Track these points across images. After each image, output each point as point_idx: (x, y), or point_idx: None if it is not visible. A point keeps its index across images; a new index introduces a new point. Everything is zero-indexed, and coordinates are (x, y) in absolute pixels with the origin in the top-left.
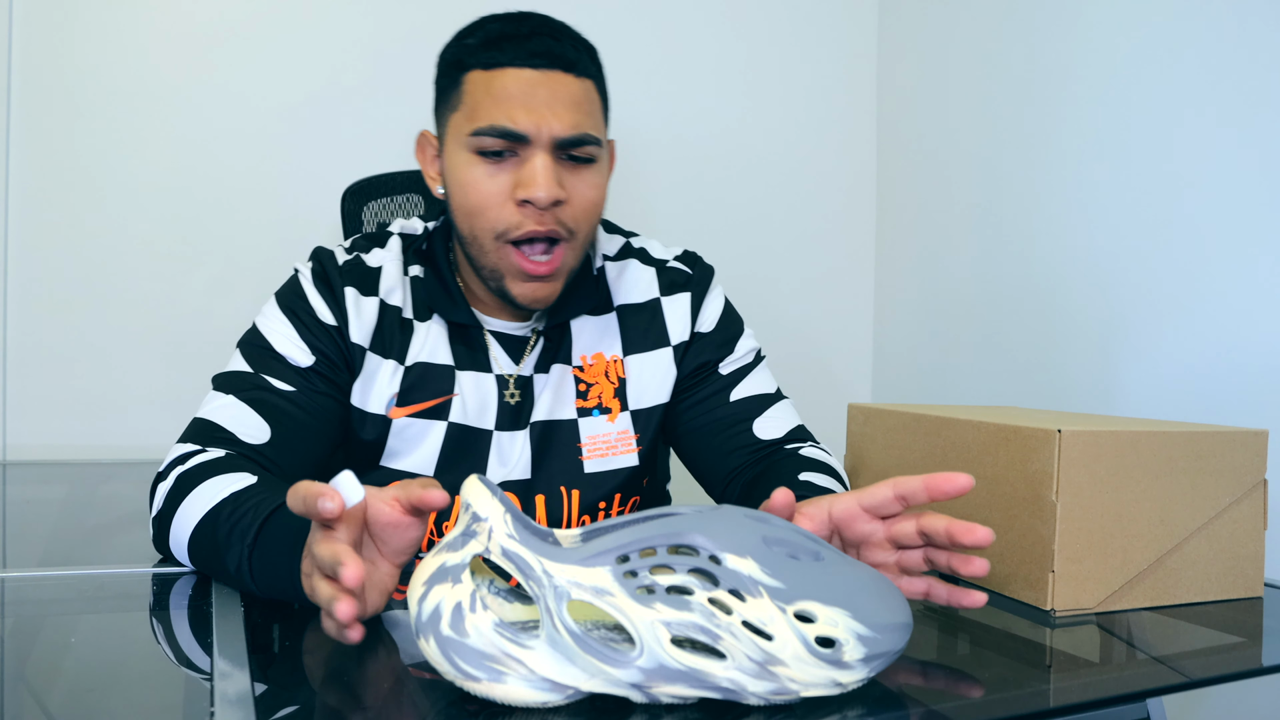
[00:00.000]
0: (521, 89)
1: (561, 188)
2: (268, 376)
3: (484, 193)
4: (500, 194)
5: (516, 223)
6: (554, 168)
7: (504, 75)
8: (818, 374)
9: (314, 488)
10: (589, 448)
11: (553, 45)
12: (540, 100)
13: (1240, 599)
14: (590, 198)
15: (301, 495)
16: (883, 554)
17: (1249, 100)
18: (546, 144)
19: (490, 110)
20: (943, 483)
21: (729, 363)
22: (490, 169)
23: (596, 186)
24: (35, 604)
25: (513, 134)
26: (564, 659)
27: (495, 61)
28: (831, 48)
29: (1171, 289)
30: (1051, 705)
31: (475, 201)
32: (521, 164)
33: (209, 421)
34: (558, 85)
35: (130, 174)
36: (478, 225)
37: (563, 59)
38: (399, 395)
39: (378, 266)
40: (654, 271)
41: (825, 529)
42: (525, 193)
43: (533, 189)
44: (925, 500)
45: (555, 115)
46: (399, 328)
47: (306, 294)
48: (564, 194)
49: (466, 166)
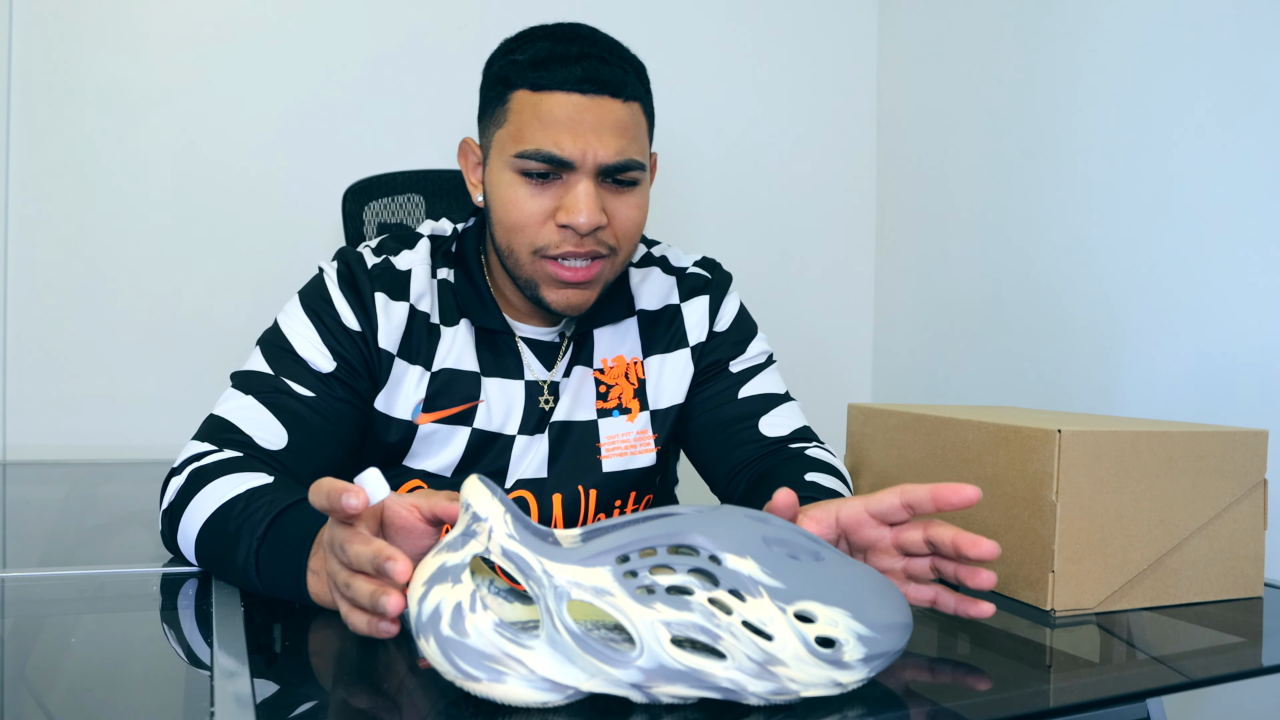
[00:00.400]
0: (568, 114)
1: (603, 213)
2: (288, 380)
3: (526, 212)
4: (541, 214)
5: (555, 243)
6: (597, 193)
7: (551, 99)
8: (818, 374)
9: (337, 484)
10: (608, 447)
11: (601, 69)
12: (586, 126)
13: (1240, 599)
14: (632, 218)
15: (325, 491)
16: (890, 560)
17: (1249, 100)
18: (591, 170)
19: (536, 134)
20: (949, 494)
21: (740, 361)
22: (533, 189)
23: (639, 208)
24: (35, 604)
25: (558, 160)
26: (564, 659)
27: (543, 84)
28: (831, 48)
29: (1171, 289)
30: (1051, 705)
31: (516, 219)
32: (565, 188)
33: (226, 421)
34: (604, 111)
35: (130, 174)
36: (516, 241)
37: (611, 84)
38: (425, 401)
39: (407, 270)
40: (674, 280)
41: (832, 533)
42: (567, 218)
43: (575, 215)
44: (932, 510)
45: (601, 142)
46: (426, 333)
47: (332, 298)
48: (605, 219)
49: (510, 185)
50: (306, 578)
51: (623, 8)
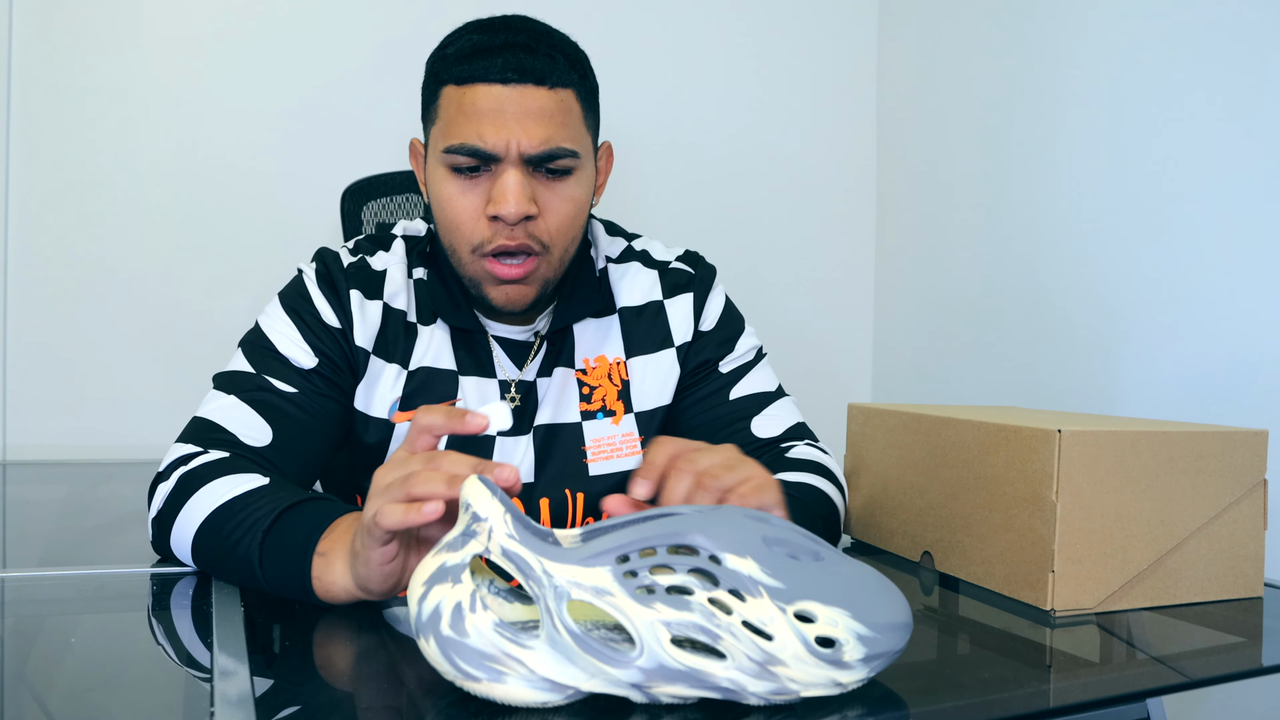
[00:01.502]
0: (490, 106)
1: (533, 203)
2: (270, 377)
3: (458, 208)
4: (473, 210)
5: (489, 238)
6: (525, 183)
7: (474, 91)
8: (818, 374)
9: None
10: (593, 450)
11: (524, 59)
12: (509, 116)
13: (1240, 599)
14: (564, 211)
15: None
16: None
17: (1249, 100)
18: (516, 160)
19: (461, 128)
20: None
21: (729, 361)
22: (463, 185)
23: (572, 200)
24: (35, 604)
25: (482, 153)
26: (564, 659)
27: (467, 77)
28: (831, 48)
29: (1171, 289)
30: (1051, 705)
31: (450, 217)
32: (493, 180)
33: (210, 422)
34: (528, 100)
35: (130, 174)
36: (454, 239)
37: (534, 72)
38: (402, 400)
39: (382, 269)
40: (656, 274)
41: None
42: (495, 209)
43: (501, 205)
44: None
45: (525, 131)
46: (403, 331)
47: (311, 295)
48: (535, 209)
49: (442, 182)
50: (313, 561)
51: (623, 8)
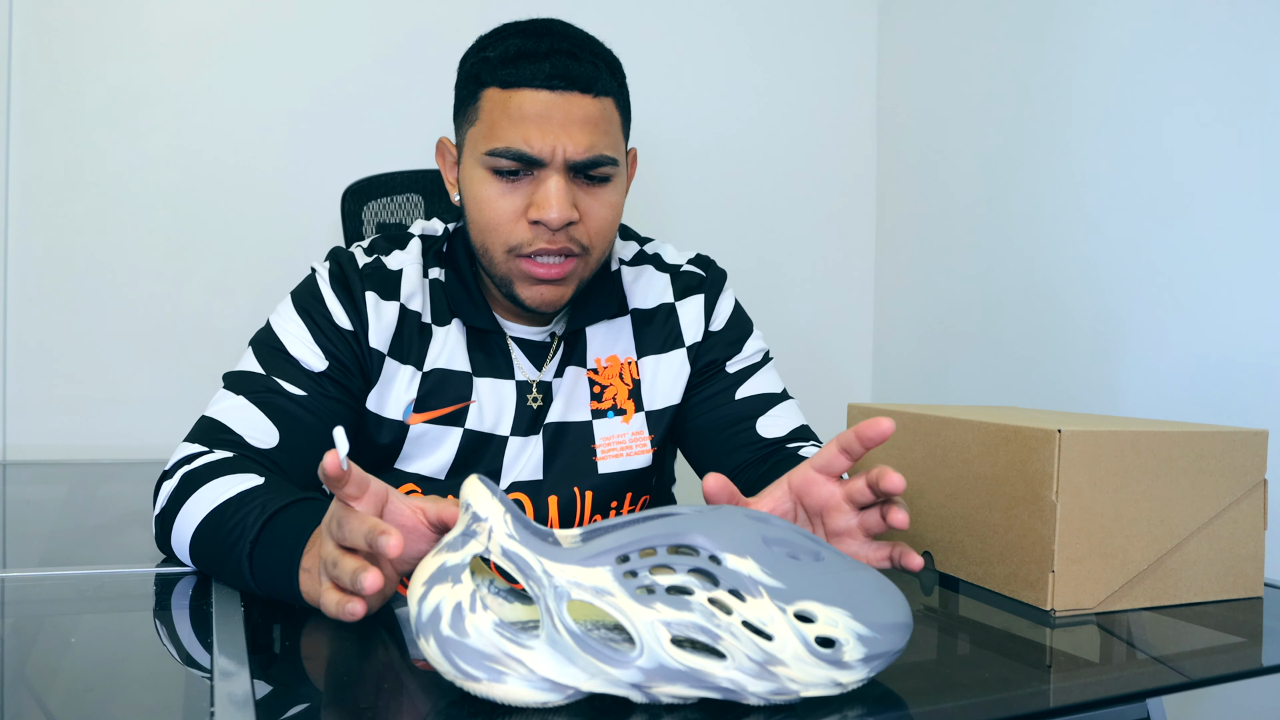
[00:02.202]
0: (537, 111)
1: (575, 209)
2: (279, 379)
3: (498, 210)
4: (513, 213)
5: (528, 240)
6: (568, 189)
7: (520, 96)
8: (818, 374)
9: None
10: (603, 449)
11: (570, 65)
12: (555, 123)
13: (1240, 599)
14: (605, 216)
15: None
16: (845, 518)
17: (1249, 100)
18: (561, 166)
19: (506, 131)
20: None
21: (736, 361)
22: (504, 187)
23: (611, 205)
24: (35, 604)
25: (527, 157)
26: (564, 659)
27: (512, 81)
28: (831, 48)
29: (1171, 289)
30: (1051, 705)
31: (489, 218)
32: (536, 185)
33: (217, 422)
34: (573, 107)
35: (130, 174)
36: (490, 239)
37: (580, 80)
38: (416, 401)
39: (398, 269)
40: (668, 277)
41: (787, 499)
42: (538, 214)
43: (546, 211)
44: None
45: (570, 138)
46: (418, 333)
47: (324, 297)
48: (577, 215)
49: (481, 183)
50: (299, 576)
51: (623, 8)
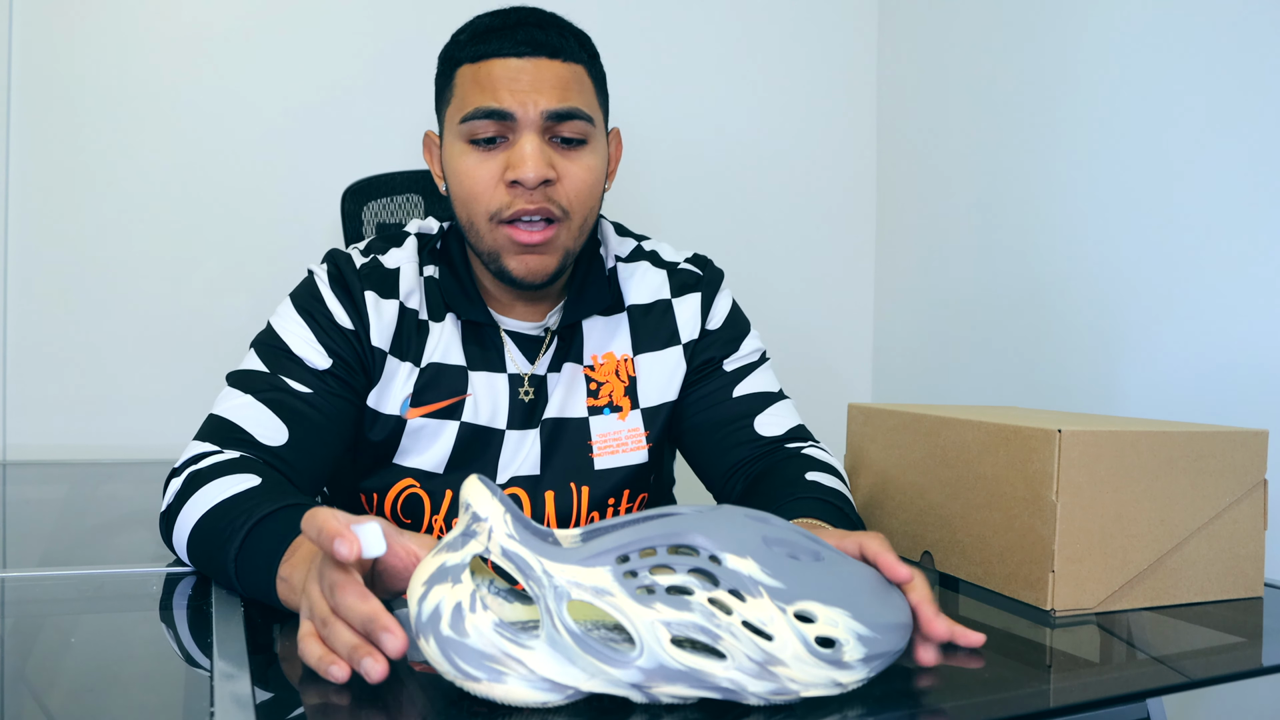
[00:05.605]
0: (508, 75)
1: (552, 168)
2: (285, 378)
3: (476, 178)
4: (492, 178)
5: (508, 203)
6: (543, 148)
7: (490, 65)
8: (818, 374)
9: (331, 524)
10: (599, 445)
11: (537, 33)
12: (525, 83)
13: (1240, 599)
14: (583, 178)
15: (318, 526)
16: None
17: (1248, 100)
18: (535, 123)
19: (477, 96)
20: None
21: (733, 360)
22: (481, 155)
23: (589, 169)
24: (35, 604)
25: (499, 113)
26: (564, 659)
27: (482, 54)
28: (831, 48)
29: (1171, 289)
30: (1051, 705)
31: (469, 187)
32: (510, 148)
33: (227, 420)
34: (544, 69)
35: (130, 174)
36: (473, 210)
37: (548, 45)
38: (413, 395)
39: (395, 268)
40: (665, 274)
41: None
42: (514, 173)
43: (521, 169)
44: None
45: (541, 93)
46: (415, 330)
47: (323, 297)
48: (554, 174)
49: (460, 156)
50: (276, 585)
51: (623, 8)
